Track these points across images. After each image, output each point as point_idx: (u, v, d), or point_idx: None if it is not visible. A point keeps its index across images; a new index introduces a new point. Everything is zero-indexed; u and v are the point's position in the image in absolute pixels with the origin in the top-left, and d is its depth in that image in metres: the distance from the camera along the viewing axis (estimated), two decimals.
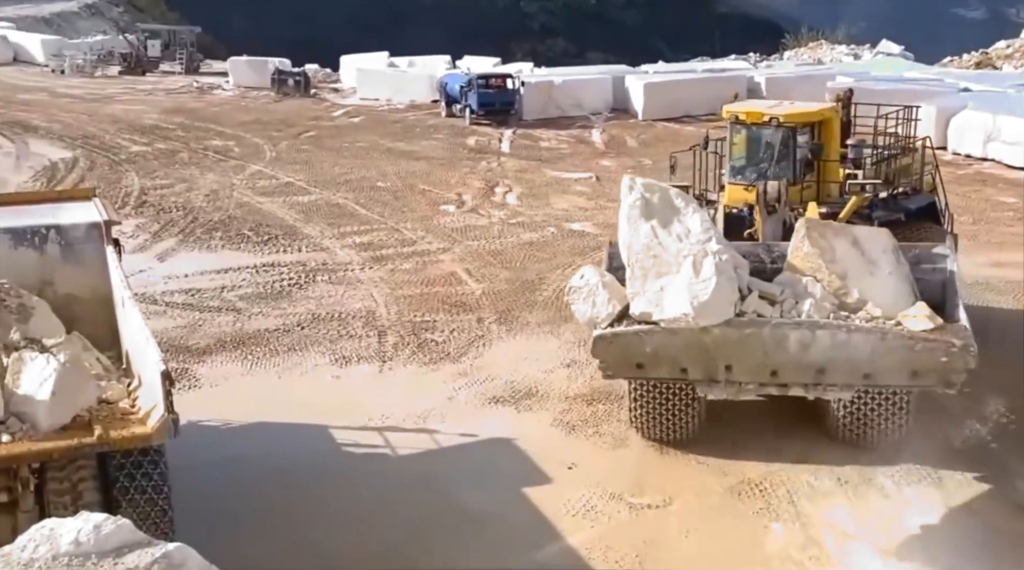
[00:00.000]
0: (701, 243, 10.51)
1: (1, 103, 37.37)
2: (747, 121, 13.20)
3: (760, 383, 10.86)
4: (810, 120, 13.11)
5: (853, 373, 10.53)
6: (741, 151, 13.27)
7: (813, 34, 55.28)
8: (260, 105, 38.50)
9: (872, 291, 10.71)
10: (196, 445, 10.88)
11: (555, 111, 35.96)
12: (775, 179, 12.78)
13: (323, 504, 10.77)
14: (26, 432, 7.93)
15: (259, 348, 15.08)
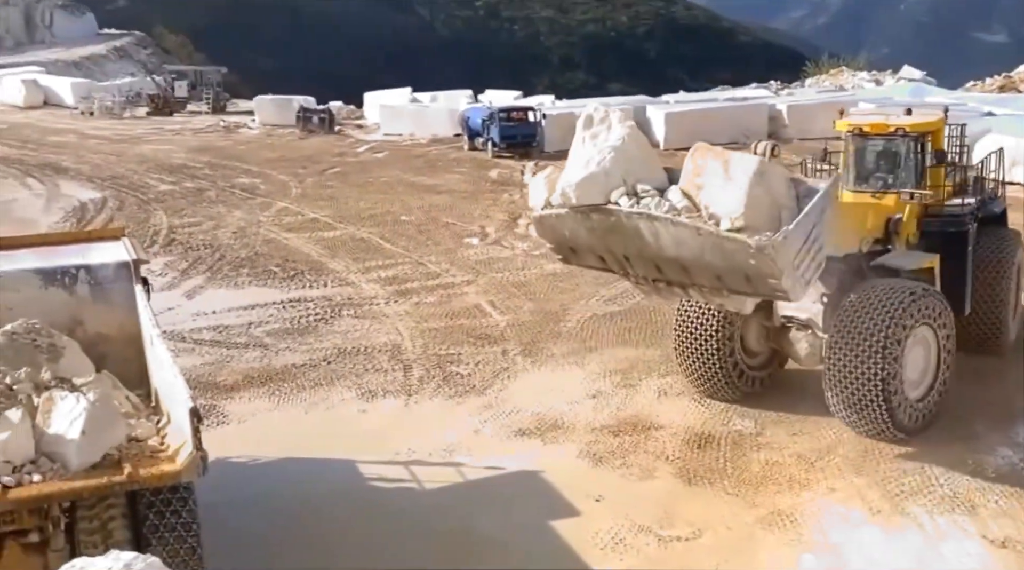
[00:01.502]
0: (609, 143, 11.30)
1: (32, 145, 38.00)
2: (872, 133, 13.71)
3: (655, 279, 11.70)
4: (929, 129, 13.68)
5: (708, 273, 11.08)
6: (862, 162, 13.77)
7: (834, 61, 55.25)
8: (285, 142, 38.90)
9: (720, 201, 10.71)
10: (225, 481, 10.94)
11: None
12: (899, 187, 13.45)
13: (351, 538, 10.74)
14: (56, 471, 7.95)
15: (286, 383, 15.13)
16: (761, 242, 10.29)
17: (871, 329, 11.91)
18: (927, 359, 12.51)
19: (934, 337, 12.47)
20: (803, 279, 10.82)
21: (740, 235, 10.41)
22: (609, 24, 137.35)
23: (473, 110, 38.13)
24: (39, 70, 56.18)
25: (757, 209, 10.47)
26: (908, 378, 12.20)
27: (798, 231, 10.47)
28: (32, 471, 7.91)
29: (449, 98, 44.77)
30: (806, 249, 10.65)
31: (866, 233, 12.94)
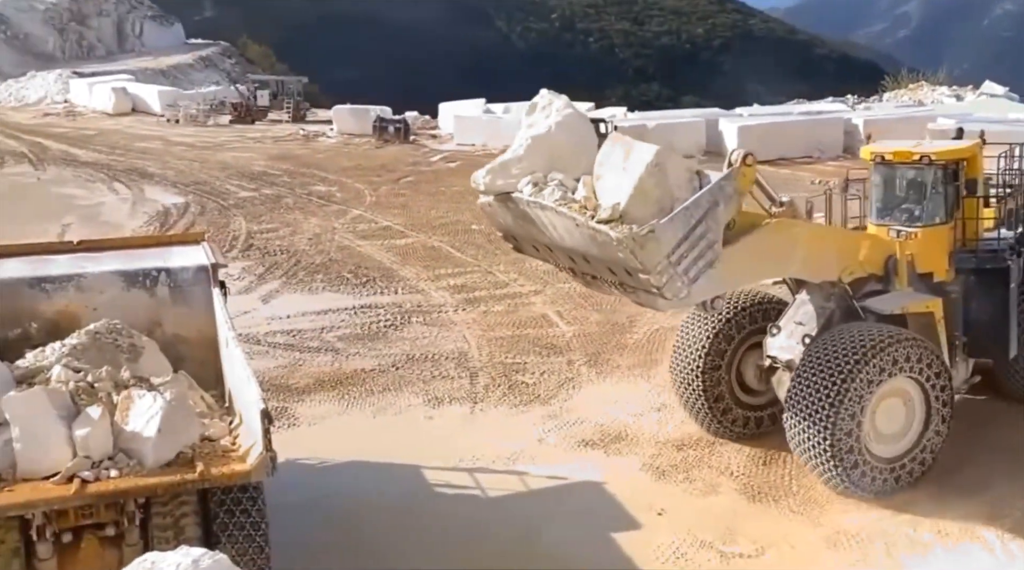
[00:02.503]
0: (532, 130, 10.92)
1: (120, 151, 39.11)
2: (896, 161, 12.61)
3: (571, 269, 11.26)
4: (960, 157, 12.61)
5: (602, 266, 10.50)
6: (887, 192, 12.85)
7: (914, 75, 54.09)
8: (362, 151, 39.42)
9: (609, 191, 10.13)
10: (294, 483, 11.11)
11: None
12: (929, 219, 12.44)
13: (414, 544, 10.83)
14: (133, 468, 8.17)
15: (356, 388, 15.34)
16: (622, 234, 9.62)
17: (827, 379, 10.94)
18: (909, 414, 11.44)
19: (918, 390, 11.39)
20: (685, 276, 10.01)
21: (604, 226, 9.76)
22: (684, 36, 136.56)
23: None
24: (128, 78, 57.76)
25: (644, 200, 9.80)
26: (880, 433, 11.28)
27: (673, 225, 9.75)
28: (110, 467, 8.14)
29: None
30: (689, 244, 9.90)
31: (853, 265, 11.81)
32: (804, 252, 11.42)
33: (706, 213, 9.95)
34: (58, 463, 8.09)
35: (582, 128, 10.92)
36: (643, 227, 9.61)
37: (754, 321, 12.82)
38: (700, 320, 12.85)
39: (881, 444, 11.33)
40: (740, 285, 12.47)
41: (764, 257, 11.11)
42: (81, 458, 8.13)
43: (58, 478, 8.00)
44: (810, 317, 12.21)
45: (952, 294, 12.48)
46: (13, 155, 38.68)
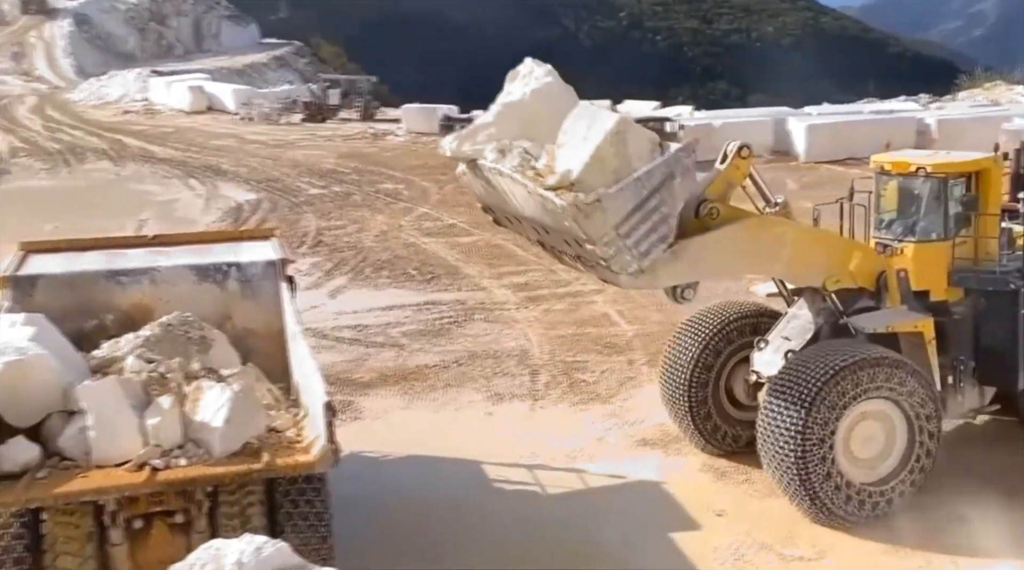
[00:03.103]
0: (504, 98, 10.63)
1: (195, 149, 39.98)
2: (893, 171, 12.05)
3: (540, 242, 10.97)
4: (964, 171, 11.86)
5: (559, 238, 10.16)
6: (888, 204, 12.28)
7: (990, 74, 52.70)
8: (429, 150, 39.63)
9: (566, 159, 9.73)
10: (357, 475, 11.29)
11: (714, 154, 35.35)
12: (924, 234, 11.83)
13: (473, 539, 10.90)
14: (201, 457, 8.37)
15: (418, 383, 15.49)
16: (566, 201, 9.21)
17: (795, 400, 10.47)
18: (889, 438, 10.90)
19: (900, 413, 10.83)
20: (635, 250, 9.56)
21: (550, 193, 9.38)
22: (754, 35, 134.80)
23: None
24: (205, 77, 58.96)
25: (600, 169, 9.36)
26: (857, 458, 10.79)
27: (623, 194, 9.29)
28: (179, 455, 8.34)
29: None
30: (640, 216, 9.44)
31: (840, 273, 11.20)
32: (789, 253, 10.94)
33: (660, 185, 9.44)
34: (130, 451, 8.32)
35: (561, 98, 10.40)
36: (589, 195, 9.20)
37: (744, 334, 12.27)
38: (691, 331, 12.42)
39: (858, 469, 10.79)
40: (714, 276, 12.16)
41: (744, 251, 10.72)
42: (152, 446, 8.35)
43: (130, 465, 8.23)
44: (798, 332, 11.67)
45: (956, 315, 11.76)
46: (94, 152, 39.80)
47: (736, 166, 10.69)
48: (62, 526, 8.16)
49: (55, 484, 8.07)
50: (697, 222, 10.49)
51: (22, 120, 50.27)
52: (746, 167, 10.77)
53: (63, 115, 51.81)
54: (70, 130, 46.26)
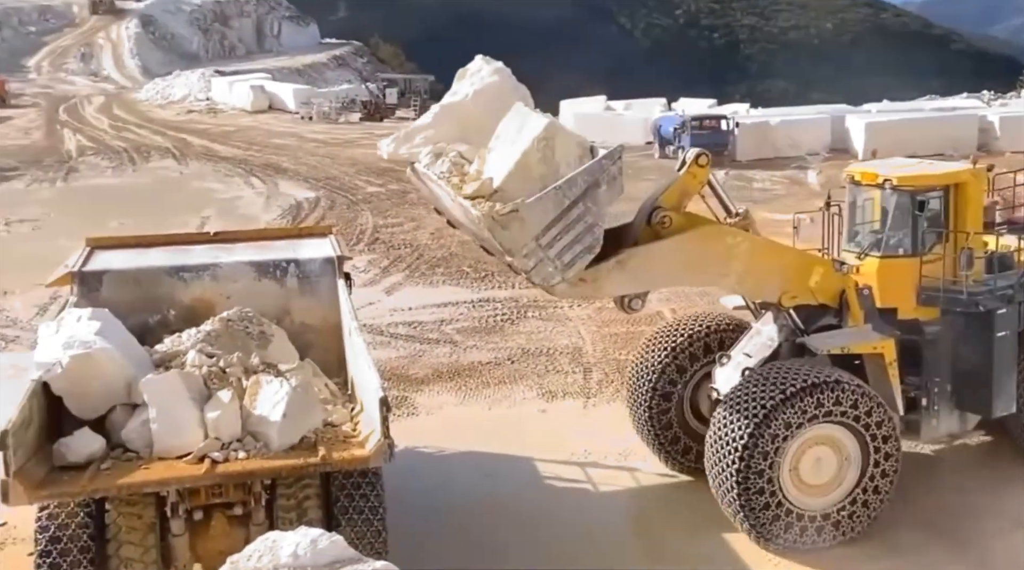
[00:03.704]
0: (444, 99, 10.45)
1: (257, 147, 40.55)
2: (863, 182, 11.46)
3: (483, 248, 10.43)
4: (935, 184, 11.16)
5: (489, 246, 9.69)
6: (854, 216, 11.66)
7: None
8: None
9: (493, 164, 9.31)
10: (412, 470, 11.38)
11: (770, 152, 35.18)
12: (890, 249, 11.21)
13: (524, 535, 10.92)
14: (260, 450, 8.50)
15: (472, 380, 15.55)
16: (482, 211, 8.81)
17: (744, 419, 9.99)
18: (841, 464, 10.34)
19: (852, 439, 10.27)
20: (558, 261, 9.07)
21: (467, 202, 8.99)
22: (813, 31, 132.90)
23: (665, 118, 37.85)
24: (266, 77, 59.83)
25: (525, 176, 8.90)
26: (806, 484, 10.25)
27: (542, 204, 8.79)
28: (238, 448, 8.48)
29: (642, 106, 44.60)
30: (562, 227, 8.95)
31: (797, 290, 10.67)
32: (741, 266, 10.40)
33: (584, 193, 8.93)
34: (191, 443, 8.48)
35: (507, 98, 9.92)
36: (506, 205, 8.76)
37: (713, 348, 11.78)
38: (658, 341, 11.97)
39: (808, 496, 10.29)
40: (661, 287, 11.55)
41: (692, 263, 10.30)
42: (212, 439, 8.50)
43: (190, 458, 8.38)
44: (759, 348, 11.17)
45: (929, 335, 11.20)
46: (158, 150, 40.59)
47: (693, 174, 10.33)
48: (126, 516, 8.36)
49: (119, 475, 8.25)
50: (649, 230, 10.19)
51: (90, 119, 51.45)
52: (703, 176, 10.36)
53: (129, 114, 52.93)
54: (136, 129, 47.23)
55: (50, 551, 8.21)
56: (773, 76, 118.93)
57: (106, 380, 8.97)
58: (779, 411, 9.91)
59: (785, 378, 10.14)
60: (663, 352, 11.89)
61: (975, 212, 11.30)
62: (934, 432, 11.48)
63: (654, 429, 11.91)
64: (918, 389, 11.20)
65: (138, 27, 76.82)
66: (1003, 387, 11.24)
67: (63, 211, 28.58)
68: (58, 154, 40.49)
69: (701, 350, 11.83)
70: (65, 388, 8.86)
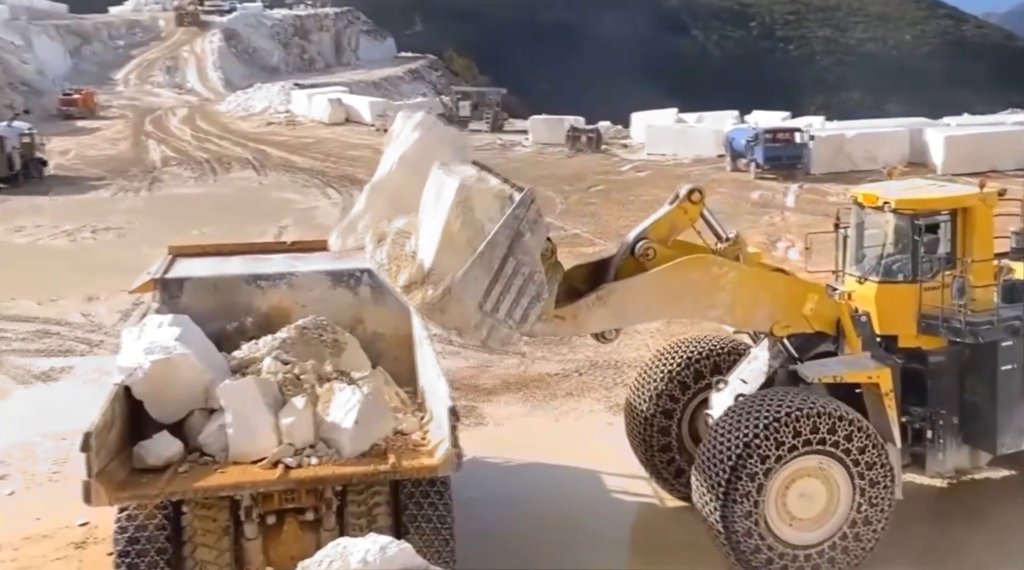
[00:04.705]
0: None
1: (333, 159, 41.18)
2: (865, 204, 11.00)
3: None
4: (937, 208, 10.68)
5: None
6: (857, 239, 11.23)
7: None
8: (554, 160, 39.82)
9: (424, 242, 9.02)
10: (479, 480, 11.36)
11: (846, 165, 34.59)
12: (890, 274, 10.79)
13: (590, 547, 10.85)
14: (331, 456, 8.61)
15: (540, 391, 15.53)
16: (417, 302, 8.59)
17: (728, 446, 9.59)
18: (832, 497, 9.86)
19: (843, 471, 9.78)
20: (509, 320, 8.62)
21: (405, 296, 8.76)
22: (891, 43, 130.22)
23: (737, 131, 37.47)
24: (343, 90, 60.78)
25: (452, 247, 8.61)
26: (794, 517, 9.82)
27: (473, 276, 8.41)
28: (311, 455, 8.61)
29: (715, 119, 44.20)
30: (501, 287, 8.53)
31: (790, 318, 10.23)
32: (728, 296, 9.96)
33: (510, 248, 8.53)
34: (265, 449, 8.64)
35: (432, 154, 9.63)
36: (437, 288, 8.49)
37: (705, 373, 11.42)
38: (657, 364, 11.63)
39: (795, 529, 9.85)
40: (644, 321, 11.04)
41: (676, 295, 9.90)
42: (286, 445, 8.64)
43: (264, 463, 8.53)
44: (754, 374, 10.75)
45: (933, 365, 10.66)
46: (239, 161, 41.49)
47: (684, 209, 10.03)
48: (201, 519, 8.53)
49: (195, 479, 8.45)
50: (632, 261, 9.90)
51: (174, 131, 52.84)
52: (695, 213, 10.05)
53: (211, 126, 54.20)
54: (217, 140, 48.35)
55: (128, 552, 8.40)
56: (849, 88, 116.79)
57: (185, 385, 9.19)
58: (764, 438, 9.53)
59: (769, 406, 9.73)
60: (660, 376, 11.55)
61: (983, 238, 10.75)
62: (940, 466, 10.91)
63: (653, 453, 11.59)
64: (923, 420, 10.71)
65: (221, 41, 78.72)
66: (1009, 423, 10.64)
67: (147, 220, 29.38)
68: (143, 164, 41.68)
69: (704, 370, 11.51)
70: (145, 392, 9.09)
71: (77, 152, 45.18)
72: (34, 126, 40.13)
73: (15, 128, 37.87)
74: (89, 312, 19.86)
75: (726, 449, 9.60)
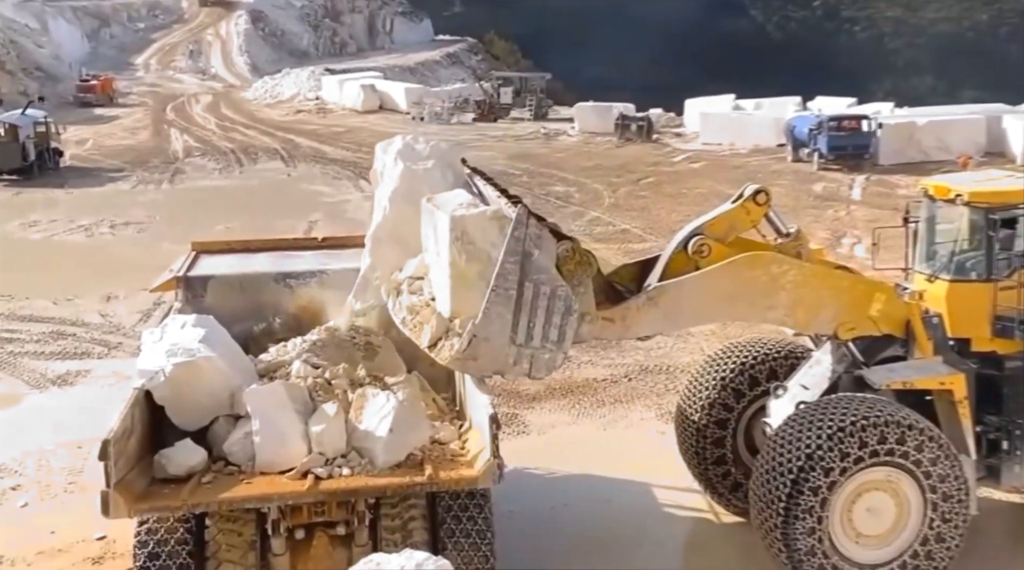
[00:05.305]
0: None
1: (366, 149, 41.20)
2: (936, 197, 10.84)
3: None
4: (1014, 201, 10.42)
5: None
6: (928, 234, 11.05)
7: None
8: (602, 150, 39.68)
9: (437, 288, 9.16)
10: (521, 492, 11.31)
11: (917, 155, 34.14)
12: (962, 273, 10.55)
13: (640, 566, 10.76)
14: (364, 467, 8.58)
15: (586, 398, 15.45)
16: (445, 358, 8.72)
17: (789, 458, 9.44)
18: (901, 512, 9.66)
19: (914, 485, 9.57)
20: (547, 344, 8.67)
21: (432, 353, 8.89)
22: (966, 23, 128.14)
23: (799, 118, 37.12)
24: (377, 75, 61.11)
25: (466, 285, 8.65)
26: (861, 534, 9.63)
27: (496, 313, 8.43)
28: (342, 465, 8.59)
29: (775, 105, 43.79)
30: (527, 315, 8.57)
31: (856, 320, 10.09)
32: (789, 297, 9.83)
33: (523, 273, 8.55)
34: (294, 458, 8.63)
35: (421, 182, 9.84)
36: (463, 337, 8.54)
37: (761, 379, 11.28)
38: (711, 368, 11.52)
39: (862, 547, 9.66)
40: (700, 324, 11.03)
41: (732, 295, 9.77)
42: (316, 454, 8.63)
43: (293, 473, 8.52)
44: (816, 380, 10.62)
45: (1009, 371, 10.39)
46: (266, 151, 41.84)
47: (747, 210, 9.97)
48: (225, 533, 8.54)
49: (220, 489, 8.45)
50: (684, 258, 9.84)
51: (197, 119, 53.46)
52: (758, 215, 9.98)
53: (237, 114, 54.77)
54: (243, 129, 48.82)
55: (148, 568, 8.43)
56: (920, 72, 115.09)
57: (209, 390, 9.21)
58: (828, 450, 9.36)
59: (833, 415, 9.57)
60: (712, 383, 11.42)
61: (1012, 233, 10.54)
62: (1017, 479, 10.65)
63: (703, 464, 11.50)
64: (999, 430, 10.46)
65: (247, 23, 79.49)
66: None
67: (168, 214, 29.72)
68: (164, 155, 42.20)
69: (762, 375, 11.37)
70: (167, 397, 9.13)
71: (95, 142, 45.87)
72: (49, 114, 40.70)
73: (29, 116, 38.35)
74: (107, 312, 20.07)
75: (787, 461, 9.47)
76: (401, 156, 10.43)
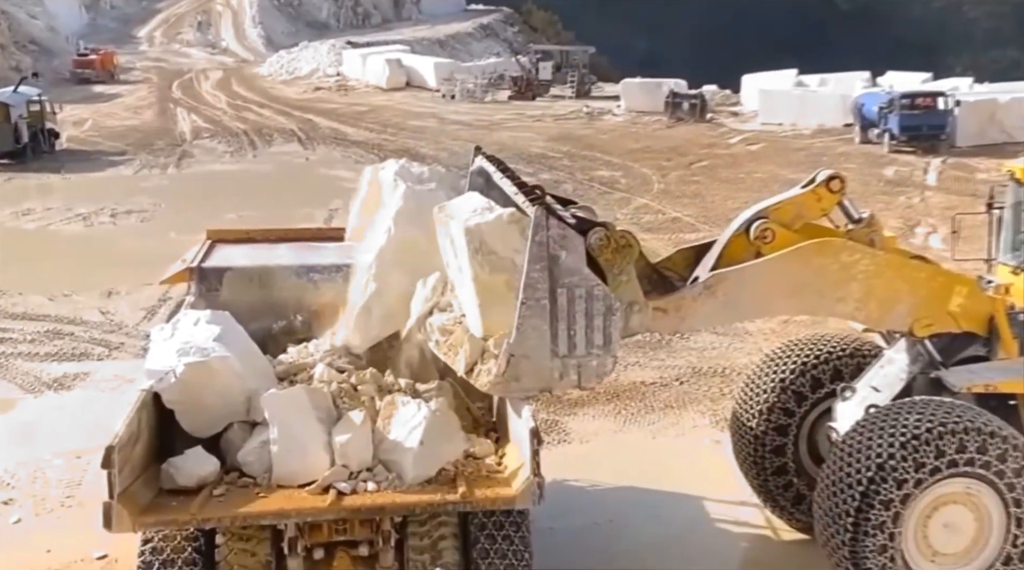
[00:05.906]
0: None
1: (392, 130, 41.51)
2: (1023, 180, 10.67)
3: None
4: None
5: None
6: (1018, 221, 10.85)
7: None
8: (651, 131, 39.56)
9: (466, 307, 9.06)
10: (562, 506, 11.28)
11: (999, 136, 33.81)
12: None
13: None
14: (391, 482, 8.53)
15: (634, 403, 15.39)
16: (485, 384, 8.66)
17: (858, 468, 9.31)
18: (982, 528, 9.50)
19: (995, 498, 9.40)
20: (592, 349, 8.58)
21: (472, 380, 8.83)
22: None
23: (868, 96, 36.86)
24: (404, 49, 61.27)
25: (494, 298, 8.62)
26: (937, 551, 9.49)
27: (530, 328, 8.37)
28: (368, 479, 8.53)
29: (841, 82, 43.46)
30: (566, 323, 8.46)
31: (934, 316, 9.93)
32: (860, 288, 9.68)
33: (553, 281, 8.44)
34: (314, 470, 8.57)
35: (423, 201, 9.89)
36: (500, 360, 8.46)
37: (824, 380, 11.18)
38: (769, 370, 11.42)
39: (939, 566, 9.56)
40: (759, 316, 10.96)
41: (799, 286, 9.63)
42: (339, 467, 8.57)
43: (313, 487, 8.47)
44: (888, 381, 10.51)
45: None
46: (282, 133, 42.05)
47: (818, 196, 9.83)
48: (238, 553, 8.49)
49: (232, 504, 8.39)
50: (743, 242, 9.72)
51: (206, 97, 53.82)
52: (830, 202, 9.83)
53: (250, 91, 55.12)
54: (257, 108, 49.12)
55: None
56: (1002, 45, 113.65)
57: (223, 393, 9.19)
58: (901, 459, 9.22)
59: (907, 420, 9.41)
60: (771, 386, 11.33)
61: None
62: None
63: (762, 474, 11.44)
64: None
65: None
66: None
67: (174, 201, 29.95)
68: (170, 136, 42.54)
69: (826, 376, 11.26)
70: (178, 400, 9.10)
71: (94, 122, 46.34)
72: (44, 92, 41.09)
73: (22, 94, 38.59)
74: (108, 309, 20.17)
75: (855, 471, 9.35)
76: (400, 176, 10.45)
